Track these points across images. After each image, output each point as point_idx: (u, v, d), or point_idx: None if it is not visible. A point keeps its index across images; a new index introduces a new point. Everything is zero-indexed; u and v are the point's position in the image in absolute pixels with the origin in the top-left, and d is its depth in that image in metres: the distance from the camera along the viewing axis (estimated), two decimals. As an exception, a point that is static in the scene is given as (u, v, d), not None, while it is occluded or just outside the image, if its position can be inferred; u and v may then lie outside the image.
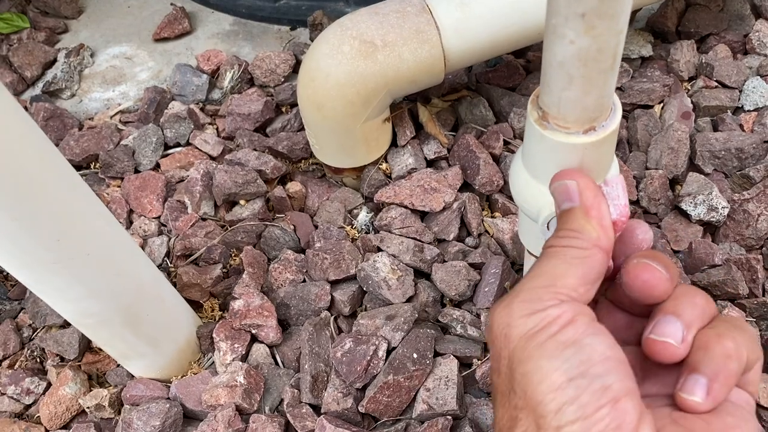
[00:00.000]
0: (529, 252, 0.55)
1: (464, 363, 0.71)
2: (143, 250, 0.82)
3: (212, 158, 0.93)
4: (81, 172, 0.95)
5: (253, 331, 0.73)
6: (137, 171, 0.93)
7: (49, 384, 0.76)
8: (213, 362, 0.74)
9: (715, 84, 0.94)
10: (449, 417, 0.65)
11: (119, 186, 0.92)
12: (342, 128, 0.78)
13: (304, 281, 0.78)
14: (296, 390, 0.69)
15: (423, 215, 0.82)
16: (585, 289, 0.31)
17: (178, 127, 0.96)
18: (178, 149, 0.95)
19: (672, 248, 0.78)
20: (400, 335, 0.70)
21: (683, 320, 0.31)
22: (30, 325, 0.81)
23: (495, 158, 0.85)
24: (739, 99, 0.92)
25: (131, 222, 0.88)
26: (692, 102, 0.92)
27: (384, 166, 0.86)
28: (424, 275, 0.78)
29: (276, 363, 0.74)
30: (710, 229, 0.81)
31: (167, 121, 0.96)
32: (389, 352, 0.69)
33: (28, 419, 0.74)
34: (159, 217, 0.87)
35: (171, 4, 1.16)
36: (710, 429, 0.29)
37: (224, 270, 0.81)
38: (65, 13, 1.20)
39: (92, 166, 0.95)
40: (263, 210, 0.85)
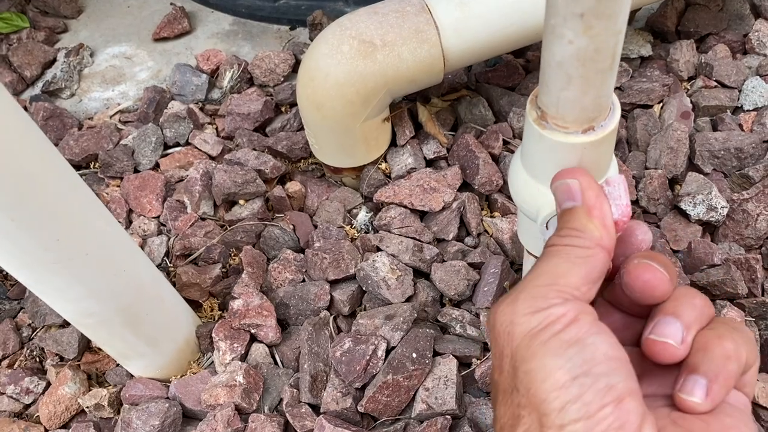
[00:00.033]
0: (528, 252, 0.55)
1: (463, 362, 0.71)
2: (143, 250, 0.82)
3: (212, 158, 0.93)
4: (80, 172, 0.95)
5: (253, 331, 0.73)
6: (137, 171, 0.93)
7: (49, 383, 0.76)
8: (212, 362, 0.74)
9: (715, 84, 0.94)
10: (448, 416, 0.65)
11: (119, 186, 0.92)
12: (341, 128, 0.78)
13: (304, 281, 0.78)
14: (295, 389, 0.69)
15: (422, 215, 0.82)
16: (587, 288, 0.31)
17: (178, 127, 0.96)
18: (178, 149, 0.95)
19: (671, 248, 0.78)
20: (400, 335, 0.70)
21: (683, 321, 0.31)
22: (29, 325, 0.81)
23: (494, 158, 0.85)
24: (739, 99, 0.92)
25: (131, 222, 0.88)
26: (692, 102, 0.92)
27: (383, 166, 0.86)
28: (424, 275, 0.78)
29: (275, 363, 0.74)
30: (709, 229, 0.81)
31: (167, 121, 0.96)
32: (388, 352, 0.69)
33: (28, 419, 0.74)
34: (158, 217, 0.87)
35: (171, 4, 1.16)
36: (709, 430, 0.29)
37: (223, 270, 0.81)
38: (65, 13, 1.20)
39: (92, 166, 0.95)
40: (262, 210, 0.85)
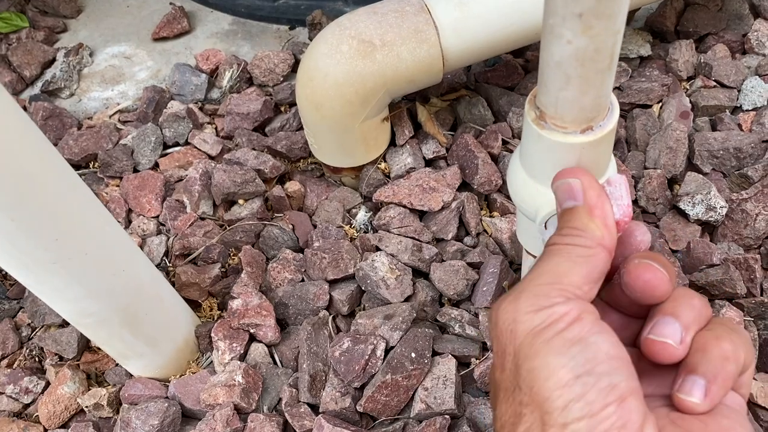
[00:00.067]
0: (527, 251, 0.55)
1: (462, 362, 0.71)
2: (142, 250, 0.82)
3: (211, 158, 0.93)
4: (80, 172, 0.95)
5: (252, 331, 0.73)
6: (136, 170, 0.93)
7: (48, 383, 0.76)
8: (211, 361, 0.74)
9: (714, 83, 0.94)
10: (447, 416, 0.65)
11: (118, 185, 0.92)
12: (340, 128, 0.78)
13: (303, 281, 0.78)
14: (294, 389, 0.69)
15: (421, 215, 0.82)
16: (588, 288, 0.31)
17: (177, 127, 0.96)
18: (177, 149, 0.95)
19: (670, 248, 0.78)
20: (399, 334, 0.70)
21: (682, 322, 0.31)
22: (29, 325, 0.81)
23: (493, 158, 0.85)
24: (738, 98, 0.92)
25: (130, 221, 0.88)
26: (691, 101, 0.92)
27: (383, 166, 0.86)
28: (423, 274, 0.78)
29: (274, 362, 0.74)
30: (708, 229, 0.81)
31: (166, 121, 0.96)
32: (387, 352, 0.69)
33: (27, 418, 0.74)
34: (158, 217, 0.87)
35: (170, 4, 1.16)
36: (707, 430, 0.29)
37: (223, 269, 0.81)
38: (64, 13, 1.20)
39: (91, 166, 0.95)
40: (262, 209, 0.85)
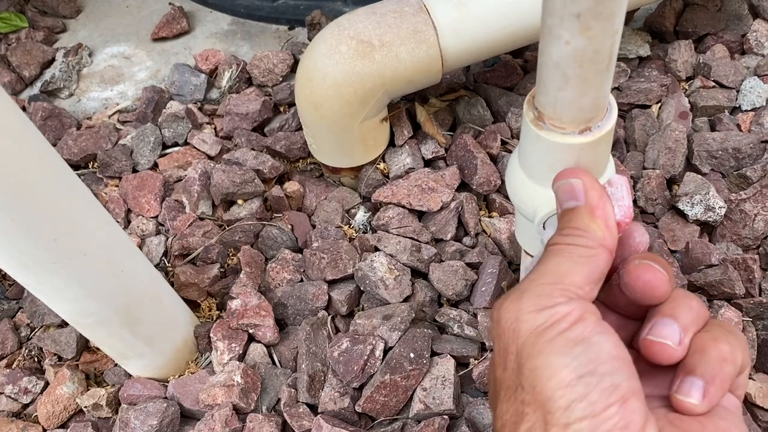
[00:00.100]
0: (526, 252, 0.55)
1: (461, 362, 0.71)
2: (141, 250, 0.82)
3: (210, 158, 0.93)
4: (79, 172, 0.95)
5: (251, 331, 0.73)
6: (135, 170, 0.93)
7: (47, 383, 0.76)
8: (210, 362, 0.74)
9: (713, 84, 0.94)
10: (446, 416, 0.65)
11: (117, 185, 0.92)
12: (339, 128, 0.78)
13: (302, 281, 0.78)
14: (293, 389, 0.69)
15: (420, 215, 0.83)
16: (590, 288, 0.31)
17: (176, 127, 0.96)
18: (176, 149, 0.95)
19: (669, 248, 0.79)
20: (397, 335, 0.70)
21: (680, 323, 0.31)
22: (28, 325, 0.81)
23: (492, 158, 0.85)
24: (737, 99, 0.92)
25: (129, 221, 0.88)
26: (690, 102, 0.92)
27: (382, 166, 0.86)
28: (422, 275, 0.78)
29: (273, 362, 0.74)
30: (707, 229, 0.81)
31: (165, 121, 0.96)
32: (386, 352, 0.69)
33: (26, 418, 0.75)
34: (157, 217, 0.87)
35: (169, 4, 1.16)
36: (705, 431, 0.29)
37: (222, 269, 0.81)
38: (63, 13, 1.20)
39: (90, 166, 0.95)
40: (261, 209, 0.85)
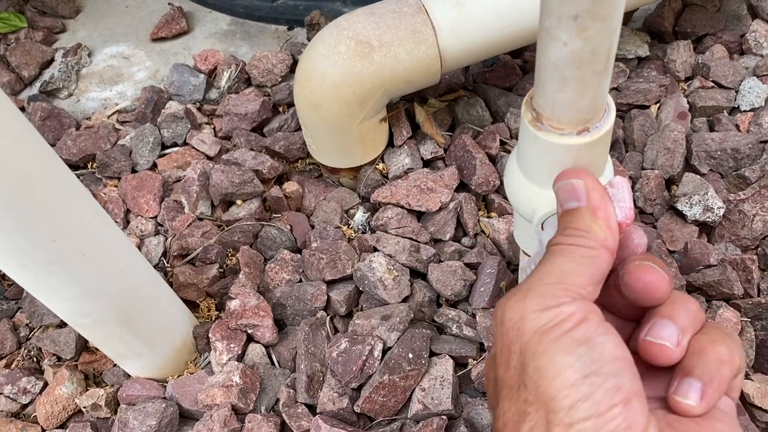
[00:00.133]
0: (525, 252, 0.55)
1: (459, 363, 0.71)
2: (140, 250, 0.82)
3: (209, 158, 0.93)
4: (78, 172, 0.95)
5: (249, 331, 0.73)
6: (134, 171, 0.93)
7: (46, 383, 0.76)
8: (209, 362, 0.74)
9: (712, 84, 0.94)
10: (444, 417, 0.65)
11: (116, 186, 0.92)
12: (338, 128, 0.78)
13: (301, 281, 0.78)
14: (292, 390, 0.69)
15: (419, 215, 0.83)
16: (592, 289, 0.31)
17: (175, 127, 0.96)
18: (175, 149, 0.95)
19: (668, 248, 0.79)
20: (396, 335, 0.70)
21: (678, 325, 0.31)
22: (27, 325, 0.81)
23: (491, 158, 0.85)
24: (735, 99, 0.92)
25: (128, 222, 0.88)
26: (688, 102, 0.92)
27: (380, 166, 0.86)
28: (420, 275, 0.78)
29: (272, 363, 0.74)
30: (706, 230, 0.81)
31: (164, 121, 0.96)
32: (385, 352, 0.69)
33: (25, 419, 0.75)
34: (156, 217, 0.87)
35: (169, 4, 1.16)
36: None
37: (221, 270, 0.81)
38: (63, 13, 1.20)
39: (89, 166, 0.96)
40: (260, 210, 0.85)
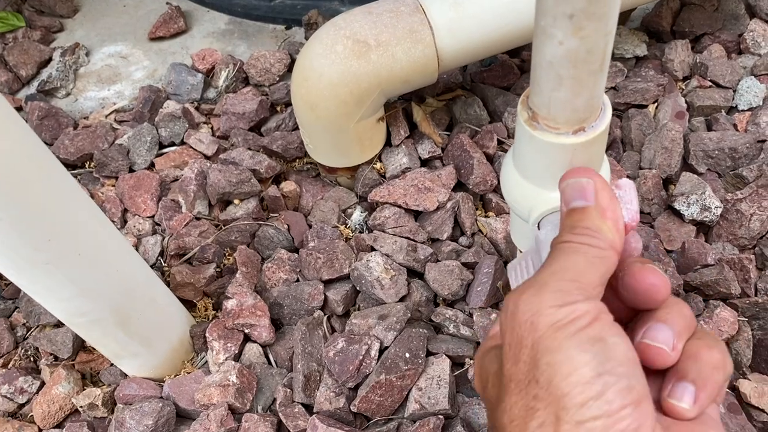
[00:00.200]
0: (521, 251, 0.55)
1: (456, 362, 0.71)
2: (137, 250, 0.82)
3: (207, 157, 0.93)
4: (75, 172, 0.95)
5: (246, 331, 0.73)
6: (132, 170, 0.93)
7: (43, 383, 0.75)
8: (206, 361, 0.74)
9: (710, 84, 0.94)
10: (441, 416, 0.65)
11: (114, 185, 0.92)
12: (335, 128, 0.78)
13: (298, 281, 0.78)
14: (289, 389, 0.69)
15: (417, 215, 0.82)
16: (601, 289, 0.31)
17: (173, 127, 0.96)
18: (173, 148, 0.95)
19: (665, 248, 0.79)
20: (393, 335, 0.70)
21: (674, 329, 0.31)
22: (24, 324, 0.81)
23: (489, 158, 0.85)
24: (733, 99, 0.92)
25: (125, 221, 0.88)
26: (686, 101, 0.92)
27: (378, 166, 0.86)
28: (418, 275, 0.78)
29: (269, 362, 0.74)
30: (703, 229, 0.81)
31: (162, 120, 0.96)
32: (382, 352, 0.69)
33: (22, 418, 0.74)
34: (153, 217, 0.87)
35: (166, 3, 1.16)
36: None
37: (218, 269, 0.81)
38: (61, 12, 1.20)
39: (87, 166, 0.95)
40: (257, 209, 0.85)
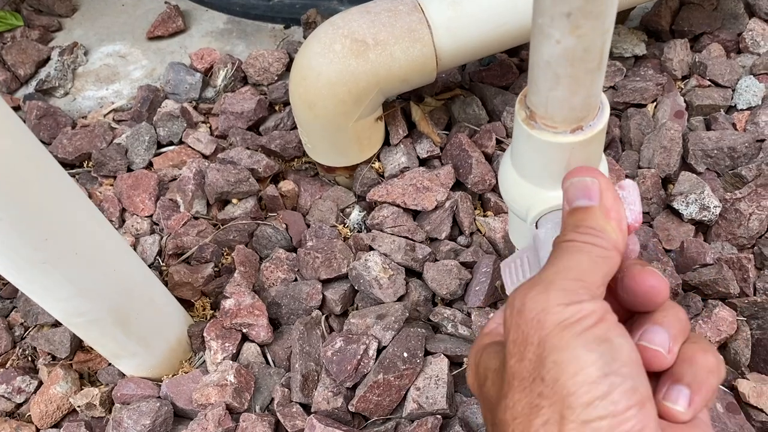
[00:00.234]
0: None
1: (455, 362, 0.71)
2: (135, 249, 0.82)
3: (205, 157, 0.93)
4: (74, 171, 0.95)
5: (244, 330, 0.73)
6: (130, 170, 0.92)
7: (41, 383, 0.75)
8: (204, 361, 0.74)
9: (708, 83, 0.94)
10: (439, 416, 0.65)
11: (112, 185, 0.92)
12: (334, 127, 0.77)
13: (296, 280, 0.78)
14: (287, 389, 0.69)
15: (415, 214, 0.82)
16: (603, 289, 0.31)
17: (171, 126, 0.96)
18: (171, 148, 0.95)
19: (664, 247, 0.78)
20: (391, 334, 0.70)
21: (670, 332, 0.31)
22: (22, 324, 0.81)
23: (487, 157, 0.85)
24: (732, 98, 0.92)
25: (124, 221, 0.88)
26: (685, 101, 0.92)
27: (376, 165, 0.86)
28: (416, 274, 0.78)
29: (267, 362, 0.74)
30: (702, 228, 0.81)
31: (160, 120, 0.96)
32: (380, 351, 0.69)
33: (19, 418, 0.74)
34: (151, 216, 0.87)
35: (165, 3, 1.16)
36: None
37: (216, 269, 0.81)
38: (59, 12, 1.20)
39: (85, 165, 0.95)
40: (255, 209, 0.84)
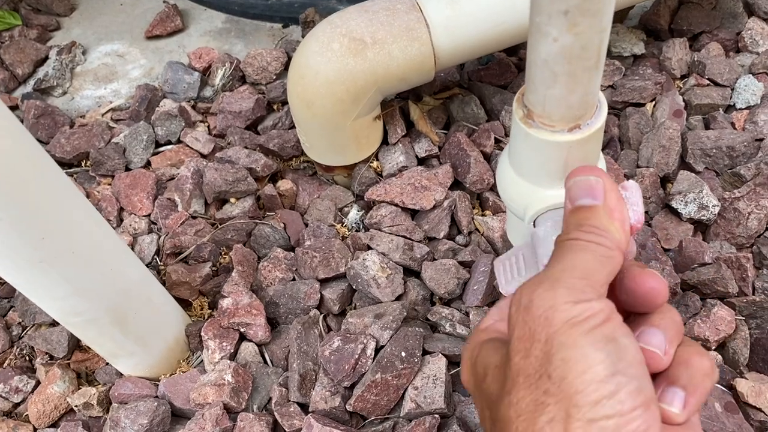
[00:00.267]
0: (516, 250, 0.55)
1: (453, 361, 0.71)
2: (133, 249, 0.82)
3: (203, 156, 0.92)
4: (72, 170, 0.94)
5: (242, 330, 0.73)
6: (128, 169, 0.92)
7: (38, 382, 0.75)
8: (201, 361, 0.74)
9: (707, 82, 0.93)
10: (437, 416, 0.65)
11: (110, 184, 0.92)
12: (332, 126, 0.77)
13: (294, 279, 0.78)
14: (284, 388, 0.69)
15: (413, 213, 0.82)
16: (606, 288, 0.31)
17: (169, 125, 0.96)
18: (169, 147, 0.95)
19: (662, 246, 0.78)
20: (389, 334, 0.69)
21: (666, 334, 0.32)
22: (19, 323, 0.81)
23: (486, 156, 0.85)
24: (731, 97, 0.92)
25: (121, 220, 0.87)
26: (684, 100, 0.91)
27: (375, 164, 0.86)
28: (414, 273, 0.78)
29: (264, 361, 0.74)
30: (701, 228, 0.81)
31: (158, 119, 0.96)
32: (377, 351, 0.69)
33: (17, 417, 0.74)
34: (149, 215, 0.87)
35: (163, 2, 1.16)
36: None
37: (214, 268, 0.81)
38: (57, 11, 1.19)
39: (83, 164, 0.95)
40: (253, 208, 0.84)
